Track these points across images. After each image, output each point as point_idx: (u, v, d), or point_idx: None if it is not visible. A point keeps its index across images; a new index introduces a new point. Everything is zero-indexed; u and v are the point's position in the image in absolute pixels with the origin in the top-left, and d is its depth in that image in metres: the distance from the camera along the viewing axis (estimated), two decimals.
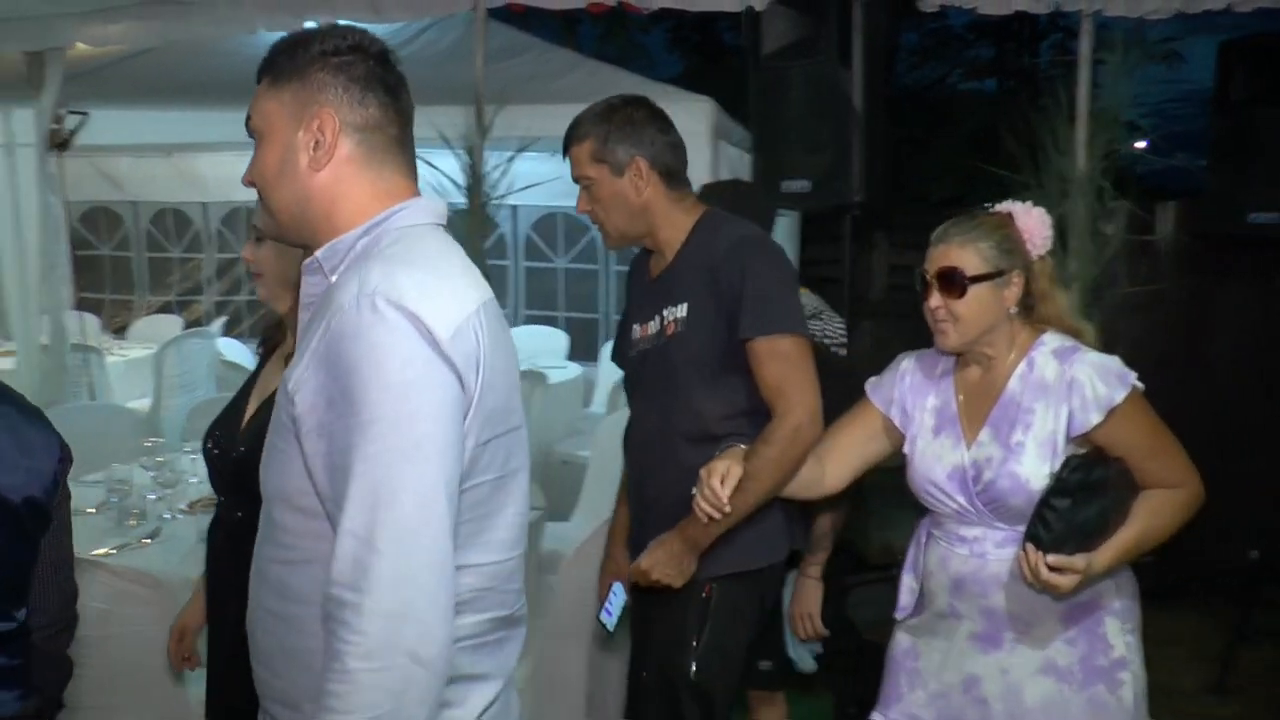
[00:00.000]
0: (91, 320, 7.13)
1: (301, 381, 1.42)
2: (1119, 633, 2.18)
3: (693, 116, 4.40)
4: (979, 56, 17.40)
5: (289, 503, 1.46)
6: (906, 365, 2.38)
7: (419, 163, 1.60)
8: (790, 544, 2.55)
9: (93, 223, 9.29)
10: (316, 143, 1.49)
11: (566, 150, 2.46)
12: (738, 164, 5.12)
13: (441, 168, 4.64)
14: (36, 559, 2.01)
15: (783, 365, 2.32)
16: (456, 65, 5.23)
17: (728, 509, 2.04)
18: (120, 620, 2.64)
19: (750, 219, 2.57)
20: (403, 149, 1.55)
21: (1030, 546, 2.02)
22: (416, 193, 1.56)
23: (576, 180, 2.47)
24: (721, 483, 2.02)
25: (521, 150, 4.80)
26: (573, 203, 2.56)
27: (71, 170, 5.89)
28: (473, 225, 4.56)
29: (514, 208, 8.07)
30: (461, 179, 4.61)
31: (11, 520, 1.98)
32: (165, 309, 8.95)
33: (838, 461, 2.37)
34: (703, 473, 2.06)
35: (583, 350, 7.65)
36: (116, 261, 9.39)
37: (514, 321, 8.00)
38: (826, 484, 2.37)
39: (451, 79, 4.86)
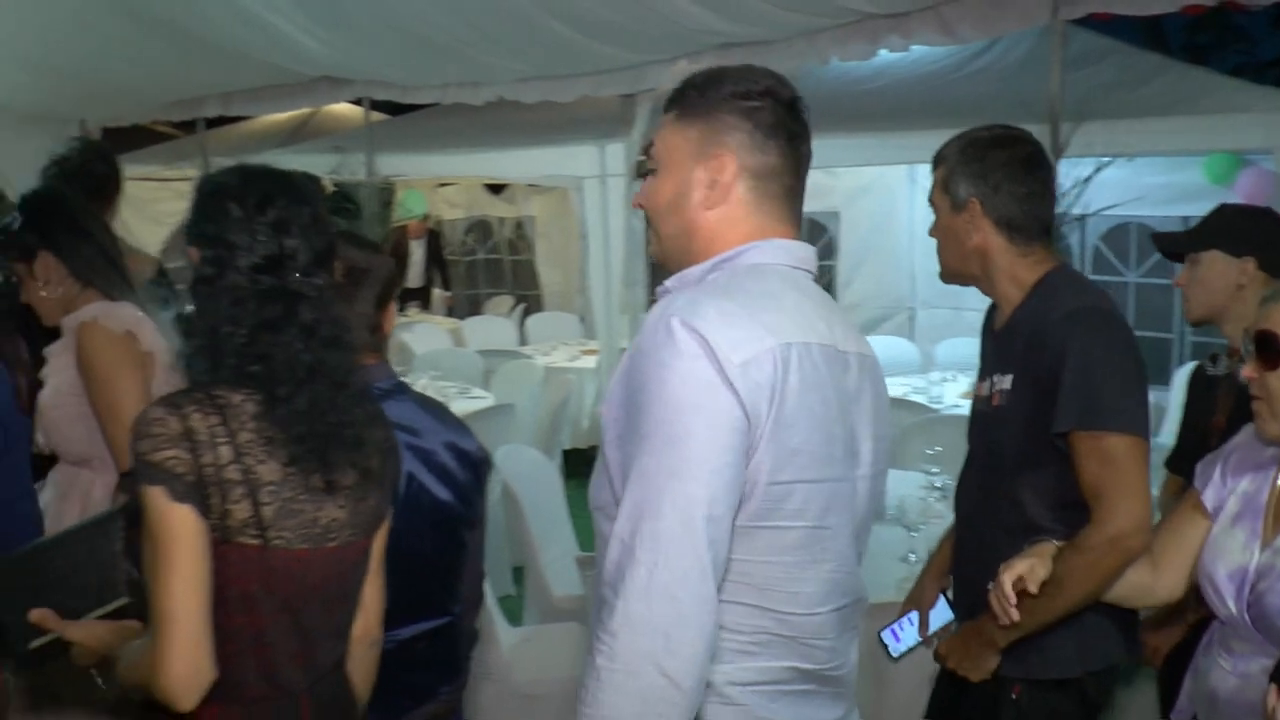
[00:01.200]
0: None
1: (610, 394, 1.45)
2: None
3: None
4: None
5: (603, 512, 1.47)
6: (1239, 439, 2.00)
7: None
8: (1118, 652, 2.18)
9: None
10: (713, 182, 1.52)
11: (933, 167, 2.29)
12: None
13: None
14: (467, 555, 2.21)
15: (1104, 466, 2.00)
16: (1030, 77, 4.97)
17: (1015, 617, 1.88)
18: None
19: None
20: (792, 198, 1.57)
21: (1275, 689, 1.56)
22: (792, 236, 1.56)
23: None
24: (1019, 585, 1.86)
25: (1099, 171, 4.45)
26: (1149, 211, 2.32)
27: None
28: None
29: (1080, 217, 7.55)
30: None
31: (448, 525, 2.17)
32: None
33: (1173, 566, 2.01)
34: (1002, 570, 1.90)
35: (1153, 373, 6.95)
36: None
37: None
38: (1159, 593, 2.05)
39: (1025, 92, 4.62)
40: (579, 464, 6.21)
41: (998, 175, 2.18)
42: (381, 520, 1.79)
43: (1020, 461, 2.16)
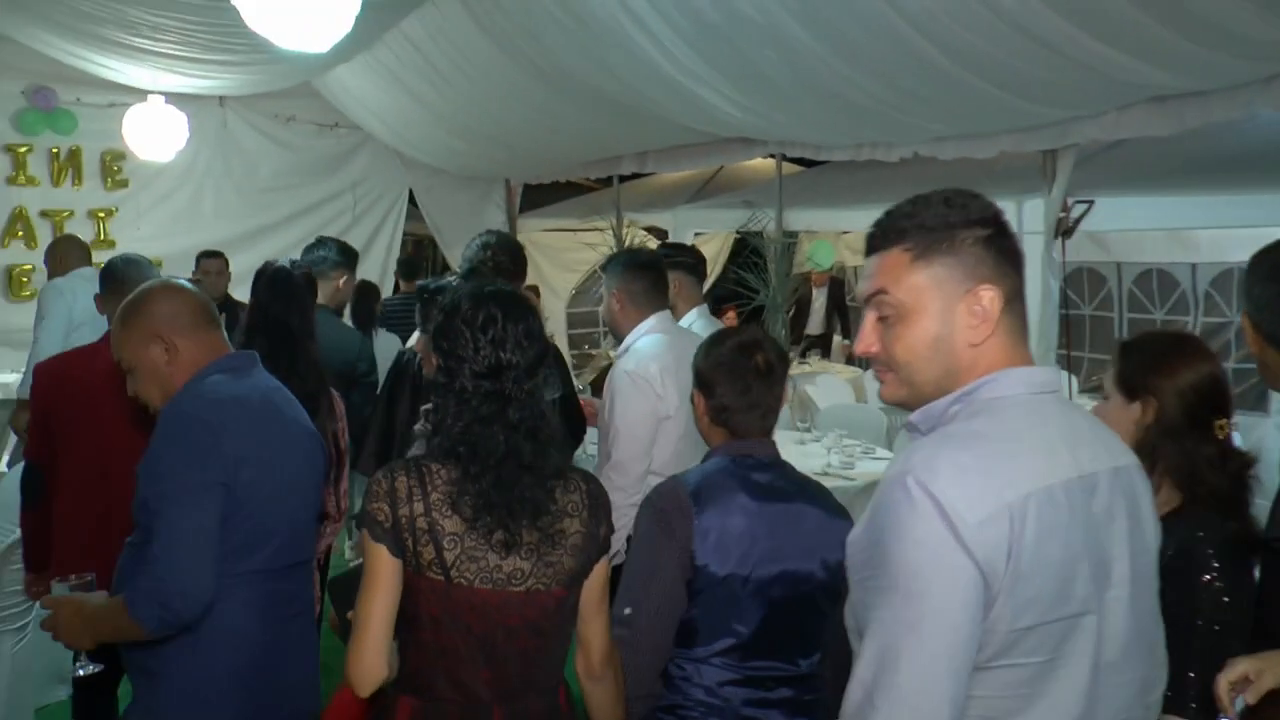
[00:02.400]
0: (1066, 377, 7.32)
1: (858, 526, 1.52)
2: None
3: None
4: None
5: (854, 633, 1.52)
6: None
7: None
8: None
9: (1077, 283, 9.53)
10: (983, 314, 1.51)
11: None
12: None
13: None
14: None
15: None
16: None
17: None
18: None
19: None
20: (1022, 317, 1.57)
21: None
22: (1029, 361, 1.56)
23: None
24: (1239, 689, 1.80)
25: None
26: None
27: None
28: None
29: None
30: None
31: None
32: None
33: None
34: (1225, 667, 1.83)
35: None
36: (1097, 322, 9.52)
37: None
38: None
39: None
40: None
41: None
42: (582, 576, 2.15)
43: None
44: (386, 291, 9.97)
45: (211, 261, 7.37)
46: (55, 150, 9.13)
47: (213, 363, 2.52)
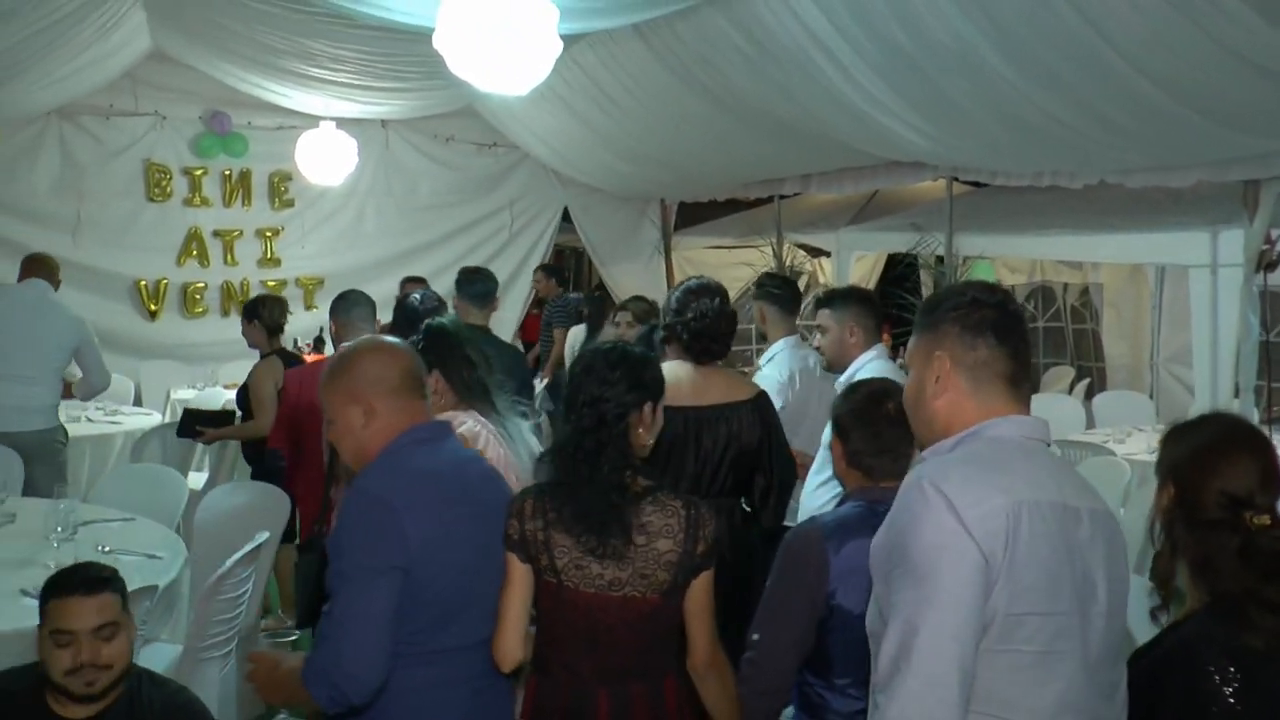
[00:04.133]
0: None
1: (879, 535, 1.86)
2: None
3: None
4: None
5: (875, 639, 1.82)
6: None
7: None
8: None
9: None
10: (937, 377, 1.89)
11: None
12: None
13: None
14: None
15: None
16: None
17: None
18: None
19: None
20: (1011, 382, 1.89)
21: None
22: (1020, 413, 1.88)
23: None
24: None
25: None
26: None
27: None
28: None
29: None
30: None
31: None
32: None
33: None
34: None
35: None
36: None
37: None
38: None
39: None
40: None
41: None
42: (679, 587, 2.48)
43: None
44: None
45: (416, 285, 7.50)
46: (227, 172, 9.49)
47: (406, 432, 2.48)
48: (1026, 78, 4.55)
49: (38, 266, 5.83)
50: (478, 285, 5.28)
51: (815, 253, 10.21)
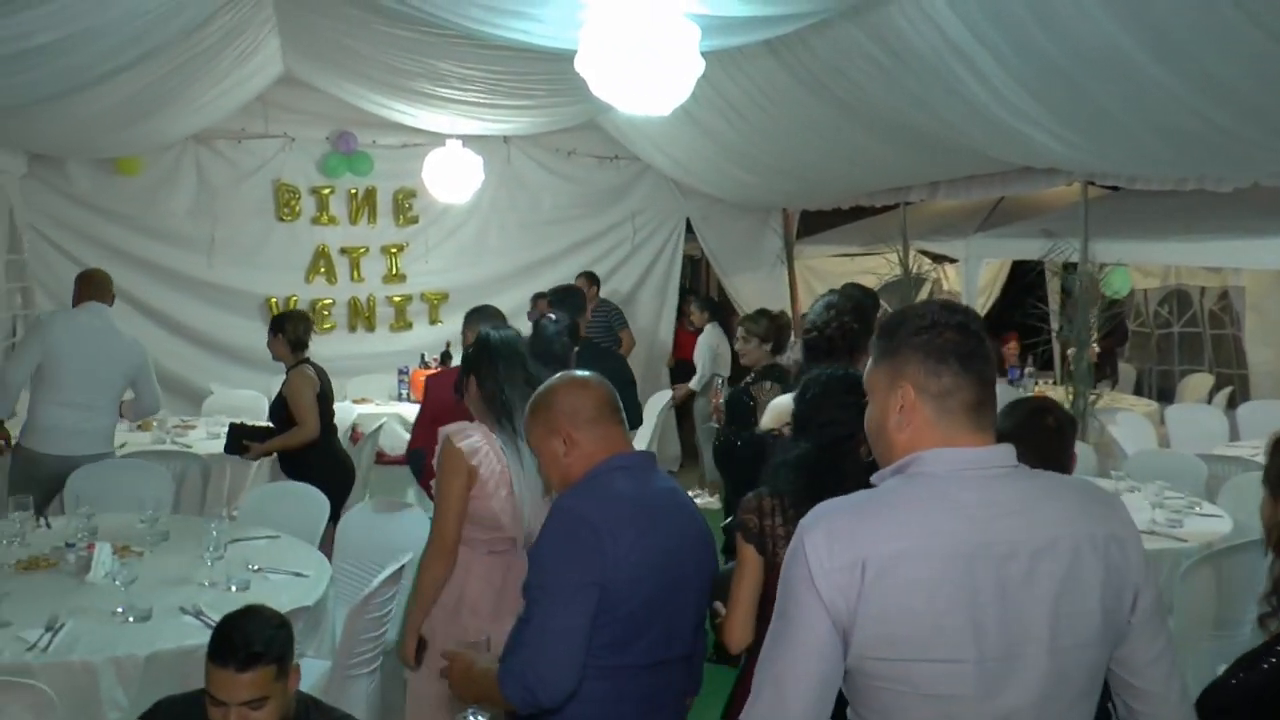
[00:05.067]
0: None
1: None
2: None
3: None
4: None
5: None
6: None
7: None
8: None
9: None
10: (901, 408, 1.85)
11: None
12: None
13: None
14: None
15: None
16: None
17: None
18: None
19: None
20: (974, 410, 1.84)
21: None
22: (981, 441, 1.83)
23: None
24: None
25: None
26: None
27: None
28: None
29: None
30: None
31: None
32: None
33: None
34: None
35: None
36: None
37: None
38: None
39: None
40: None
41: None
42: None
43: None
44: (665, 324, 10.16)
45: (544, 300, 7.64)
46: (353, 191, 9.68)
47: (612, 458, 2.65)
48: (1186, 83, 4.35)
49: (94, 288, 5.91)
50: (569, 301, 5.73)
51: (938, 259, 9.98)
